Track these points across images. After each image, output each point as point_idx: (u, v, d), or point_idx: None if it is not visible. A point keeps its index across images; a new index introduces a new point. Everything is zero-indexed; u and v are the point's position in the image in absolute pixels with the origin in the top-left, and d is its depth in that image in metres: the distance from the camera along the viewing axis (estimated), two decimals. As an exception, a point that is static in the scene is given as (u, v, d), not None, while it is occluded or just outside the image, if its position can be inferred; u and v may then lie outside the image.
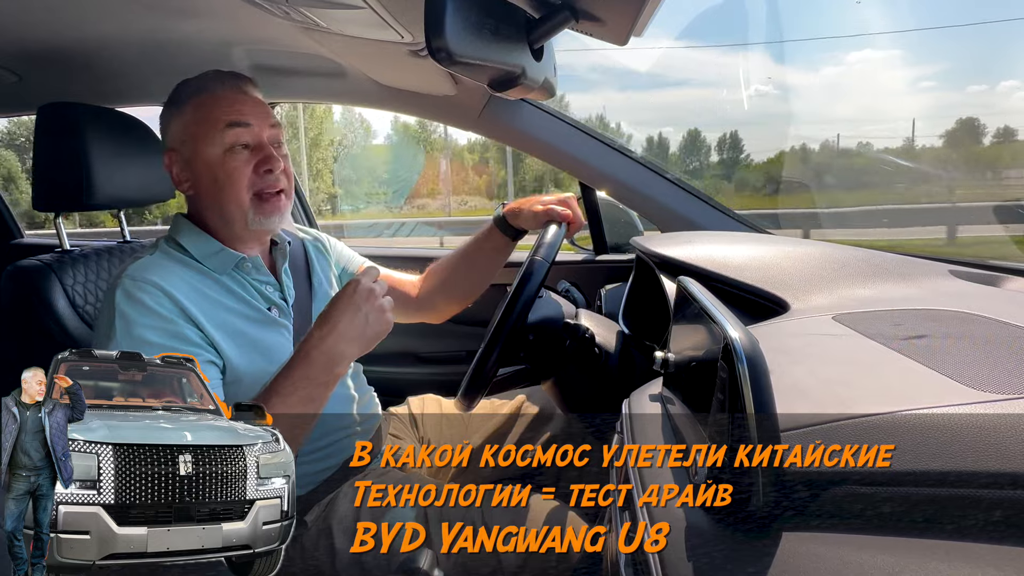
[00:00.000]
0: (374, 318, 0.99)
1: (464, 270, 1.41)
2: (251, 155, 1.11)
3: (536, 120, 1.76)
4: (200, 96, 1.12)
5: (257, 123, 1.11)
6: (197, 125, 1.10)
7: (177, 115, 1.13)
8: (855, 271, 1.08)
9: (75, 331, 1.30)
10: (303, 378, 0.95)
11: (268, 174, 1.11)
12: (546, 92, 1.14)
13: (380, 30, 1.14)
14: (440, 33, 0.77)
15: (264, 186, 1.11)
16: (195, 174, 1.12)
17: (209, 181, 1.11)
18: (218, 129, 1.09)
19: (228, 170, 1.09)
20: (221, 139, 1.09)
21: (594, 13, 0.90)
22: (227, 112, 1.10)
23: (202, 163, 1.10)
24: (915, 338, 0.77)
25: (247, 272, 1.14)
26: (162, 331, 0.99)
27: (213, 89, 1.12)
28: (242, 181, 1.10)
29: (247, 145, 1.11)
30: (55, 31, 1.36)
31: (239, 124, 1.10)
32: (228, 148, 1.09)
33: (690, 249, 1.20)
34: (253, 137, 1.11)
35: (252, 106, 1.13)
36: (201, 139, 1.10)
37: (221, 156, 1.09)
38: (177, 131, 1.13)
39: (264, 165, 1.11)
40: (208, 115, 1.10)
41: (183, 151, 1.12)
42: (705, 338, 0.69)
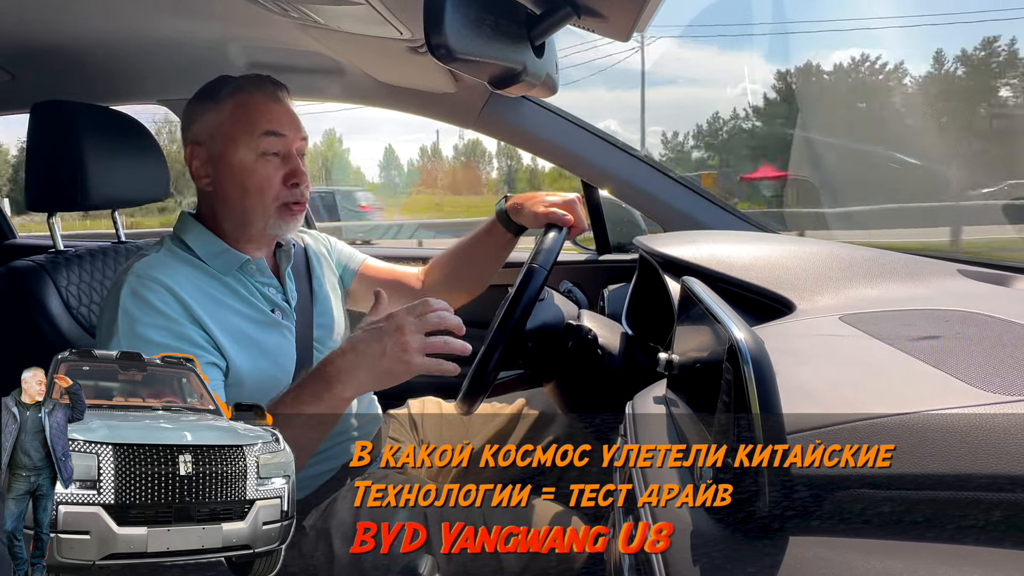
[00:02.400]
0: (393, 353, 0.91)
1: (467, 264, 1.42)
2: (281, 164, 1.13)
3: (537, 118, 1.77)
4: (239, 95, 1.13)
5: (290, 134, 1.13)
6: (233, 125, 1.11)
7: (212, 110, 1.13)
8: (862, 271, 1.08)
9: (69, 333, 1.31)
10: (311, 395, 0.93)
11: (295, 187, 1.13)
12: (548, 89, 1.15)
13: (379, 26, 1.14)
14: (440, 29, 0.77)
15: (291, 199, 1.13)
16: (219, 172, 1.13)
17: (235, 183, 1.12)
18: (254, 134, 1.11)
19: (258, 177, 1.11)
20: (256, 145, 1.11)
21: (596, 9, 0.90)
22: (265, 118, 1.12)
23: (229, 164, 1.12)
24: (923, 339, 0.77)
25: (251, 274, 1.14)
26: (165, 330, 1.00)
27: (252, 91, 1.13)
28: (270, 190, 1.12)
29: (278, 153, 1.12)
30: (49, 28, 1.37)
31: (275, 133, 1.12)
32: (261, 154, 1.11)
33: (694, 249, 1.20)
34: (284, 147, 1.13)
35: (287, 116, 1.15)
36: (235, 140, 1.11)
37: (253, 161, 1.11)
38: (208, 126, 1.13)
39: (292, 178, 1.13)
40: (245, 117, 1.11)
41: (211, 147, 1.13)
42: (710, 339, 0.70)
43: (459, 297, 1.44)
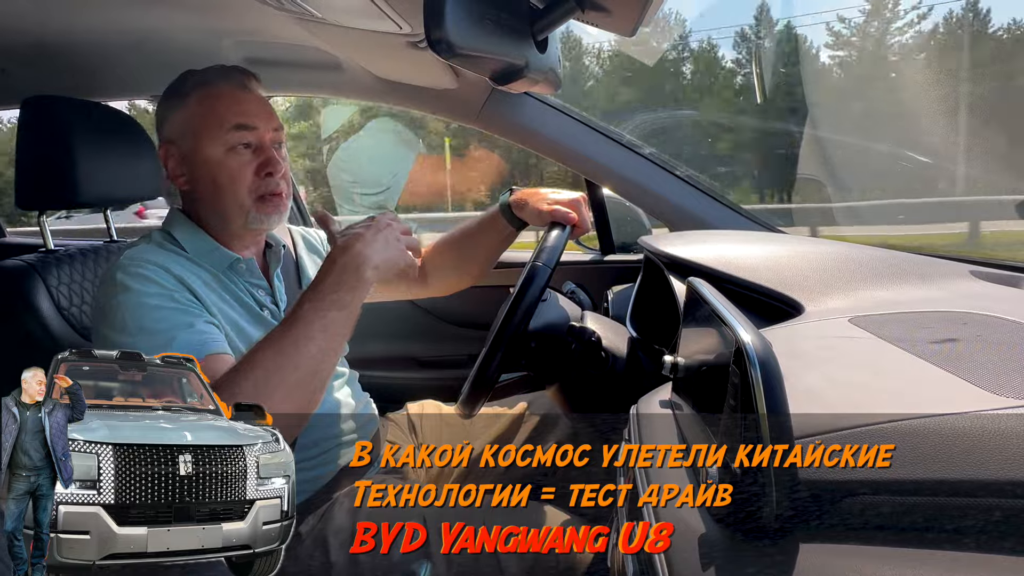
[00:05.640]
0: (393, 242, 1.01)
1: (465, 253, 1.43)
2: (253, 156, 1.13)
3: (540, 115, 1.77)
4: (204, 90, 1.13)
5: (261, 125, 1.13)
6: (200, 120, 1.12)
7: (179, 107, 1.14)
8: (872, 272, 1.08)
9: (59, 333, 1.32)
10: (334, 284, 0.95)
11: (269, 177, 1.13)
12: (551, 85, 1.15)
13: (377, 20, 1.15)
14: (440, 24, 0.77)
15: (266, 190, 1.13)
16: (193, 170, 1.13)
17: (208, 179, 1.12)
18: (222, 129, 1.11)
19: (229, 171, 1.11)
20: (224, 139, 1.11)
21: (600, 3, 0.90)
22: (232, 111, 1.11)
23: (201, 160, 1.12)
24: (935, 342, 0.77)
25: (240, 273, 1.15)
26: (168, 297, 1.02)
27: (218, 84, 1.13)
28: (243, 183, 1.12)
29: (249, 144, 1.12)
30: (39, 22, 1.37)
31: (244, 127, 1.12)
32: (230, 148, 1.11)
33: (700, 249, 1.21)
34: (256, 139, 1.13)
35: (257, 106, 1.15)
36: (203, 136, 1.11)
37: (223, 156, 1.11)
38: (177, 124, 1.14)
39: (265, 168, 1.13)
40: (212, 112, 1.11)
41: (181, 145, 1.14)
42: (716, 342, 0.70)
43: (460, 280, 1.45)
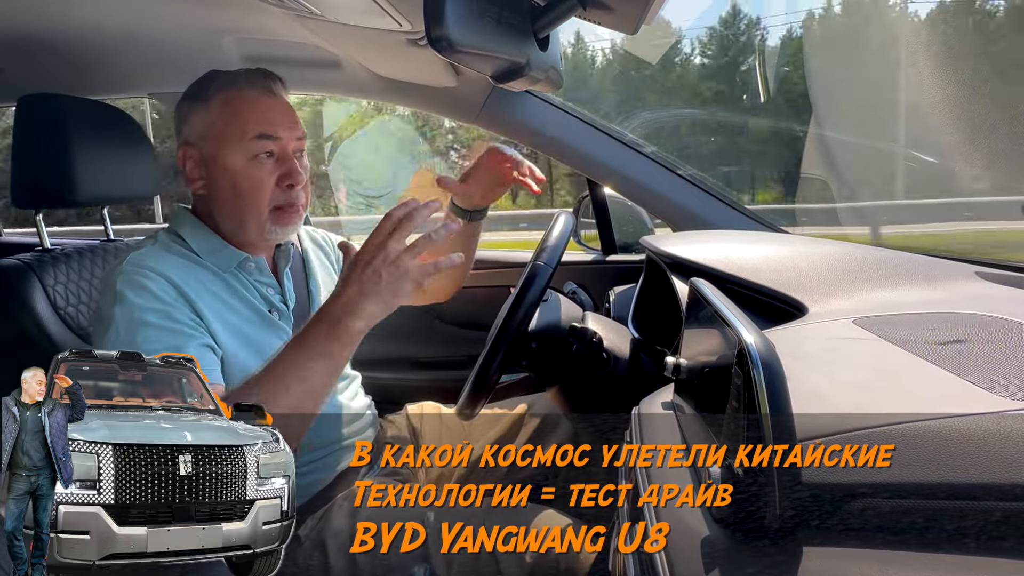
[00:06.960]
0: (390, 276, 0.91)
1: None
2: (275, 166, 1.12)
3: (541, 113, 1.77)
4: (228, 93, 1.11)
5: (285, 134, 1.12)
6: (222, 125, 1.10)
7: (201, 109, 1.12)
8: (876, 272, 1.08)
9: (56, 333, 1.32)
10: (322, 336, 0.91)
11: (290, 189, 1.12)
12: (552, 84, 1.15)
13: (377, 18, 1.15)
14: (441, 21, 0.77)
15: (285, 201, 1.13)
16: (212, 175, 1.12)
17: (227, 187, 1.11)
18: (245, 138, 1.09)
19: (250, 180, 1.10)
20: (247, 147, 1.09)
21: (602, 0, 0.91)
22: (256, 119, 1.10)
23: (222, 166, 1.11)
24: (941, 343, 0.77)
25: (249, 272, 1.15)
26: (163, 314, 1.01)
27: (242, 87, 1.12)
28: (264, 193, 1.11)
29: (272, 154, 1.11)
30: (35, 18, 1.37)
31: (268, 136, 1.10)
32: (253, 157, 1.10)
33: (703, 249, 1.21)
34: (279, 148, 1.12)
35: (281, 113, 1.13)
36: (225, 142, 1.10)
37: (244, 164, 1.10)
38: (198, 127, 1.12)
39: (287, 179, 1.12)
40: (235, 118, 1.10)
41: (202, 148, 1.12)
42: (719, 343, 0.70)
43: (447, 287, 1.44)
